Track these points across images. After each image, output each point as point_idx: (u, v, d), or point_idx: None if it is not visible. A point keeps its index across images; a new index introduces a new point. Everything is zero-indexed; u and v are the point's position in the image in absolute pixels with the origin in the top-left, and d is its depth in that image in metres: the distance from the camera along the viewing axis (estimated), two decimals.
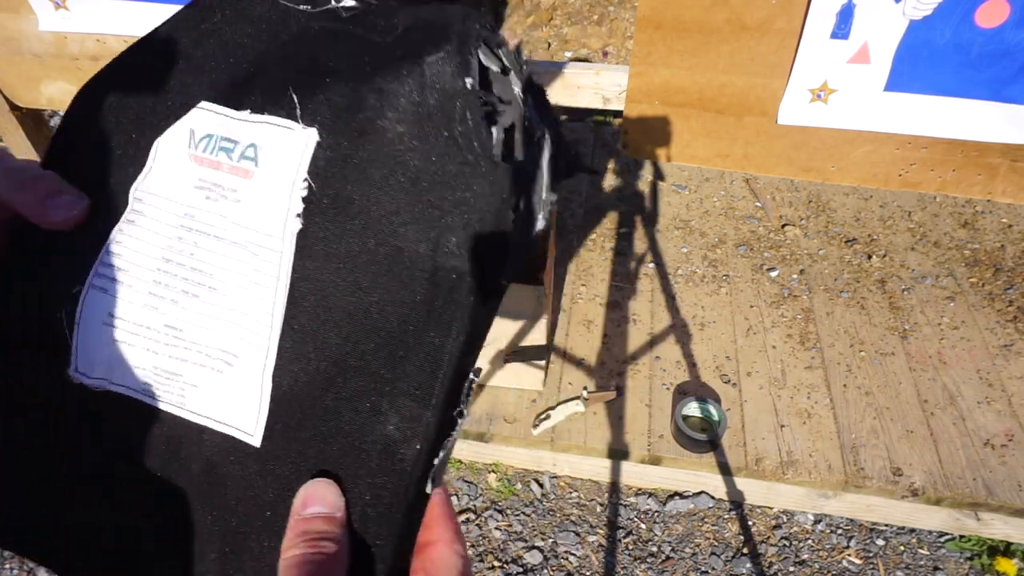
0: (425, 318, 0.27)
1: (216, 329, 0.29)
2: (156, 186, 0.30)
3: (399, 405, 0.27)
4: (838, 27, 1.35)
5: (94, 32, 1.80)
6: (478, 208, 0.27)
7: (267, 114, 0.29)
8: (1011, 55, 1.30)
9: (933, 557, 1.45)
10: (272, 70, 0.30)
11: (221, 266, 0.29)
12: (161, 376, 0.30)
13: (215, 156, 0.29)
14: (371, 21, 0.30)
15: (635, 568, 1.43)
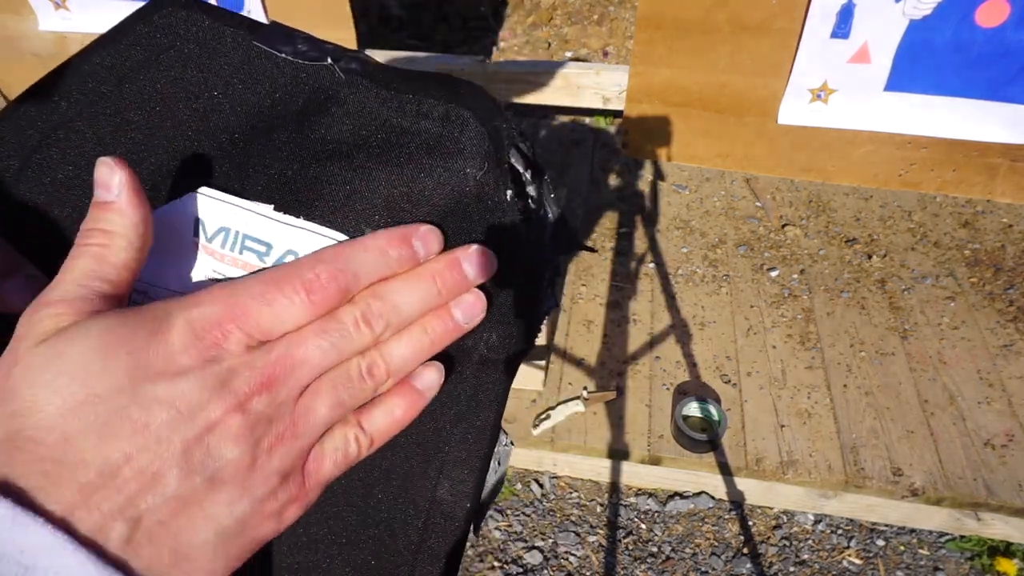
0: (472, 405, 0.31)
1: None
2: (160, 277, 0.28)
3: (449, 473, 0.31)
4: (838, 27, 1.35)
5: (94, 32, 1.80)
6: (515, 303, 0.30)
7: (304, 219, 0.28)
8: (1011, 55, 1.30)
9: (933, 557, 1.45)
10: (279, 144, 0.28)
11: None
12: None
13: (239, 255, 0.28)
14: (378, 93, 0.28)
15: (635, 568, 1.43)
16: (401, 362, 0.27)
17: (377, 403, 0.28)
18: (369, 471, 0.31)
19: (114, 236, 0.25)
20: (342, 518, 0.31)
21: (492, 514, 1.51)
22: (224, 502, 0.24)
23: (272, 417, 0.25)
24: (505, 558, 1.44)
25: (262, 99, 0.28)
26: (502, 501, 1.53)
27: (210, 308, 0.24)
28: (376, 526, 0.31)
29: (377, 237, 0.27)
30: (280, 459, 0.25)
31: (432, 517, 0.31)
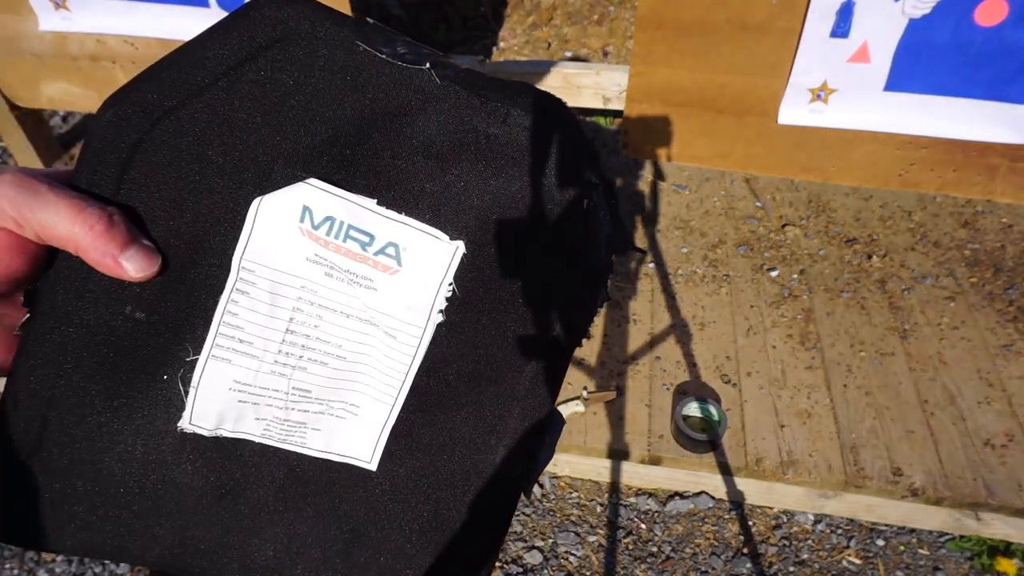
0: (535, 384, 0.36)
1: (344, 389, 0.34)
2: (265, 257, 0.31)
3: (505, 441, 0.35)
4: (838, 26, 1.35)
5: (94, 32, 1.80)
6: (582, 302, 0.35)
7: (405, 215, 0.31)
8: (1010, 54, 1.30)
9: (933, 557, 1.45)
10: (381, 148, 0.30)
11: (352, 340, 0.33)
12: (284, 424, 0.34)
13: (343, 242, 0.31)
14: (467, 97, 0.30)
15: (635, 568, 1.43)
16: None
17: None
18: (436, 436, 0.35)
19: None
20: (410, 478, 0.35)
21: None
22: None
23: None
24: (505, 558, 1.44)
25: (362, 98, 0.29)
26: None
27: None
28: (439, 488, 0.35)
29: None
30: None
31: (489, 482, 0.35)
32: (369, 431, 0.35)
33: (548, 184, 0.30)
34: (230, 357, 0.32)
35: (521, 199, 0.31)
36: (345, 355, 0.33)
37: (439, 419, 0.35)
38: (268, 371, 0.33)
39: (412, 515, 0.35)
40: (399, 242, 0.31)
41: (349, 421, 0.35)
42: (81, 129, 2.44)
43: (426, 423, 0.35)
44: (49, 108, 2.08)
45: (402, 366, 0.34)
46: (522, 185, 0.31)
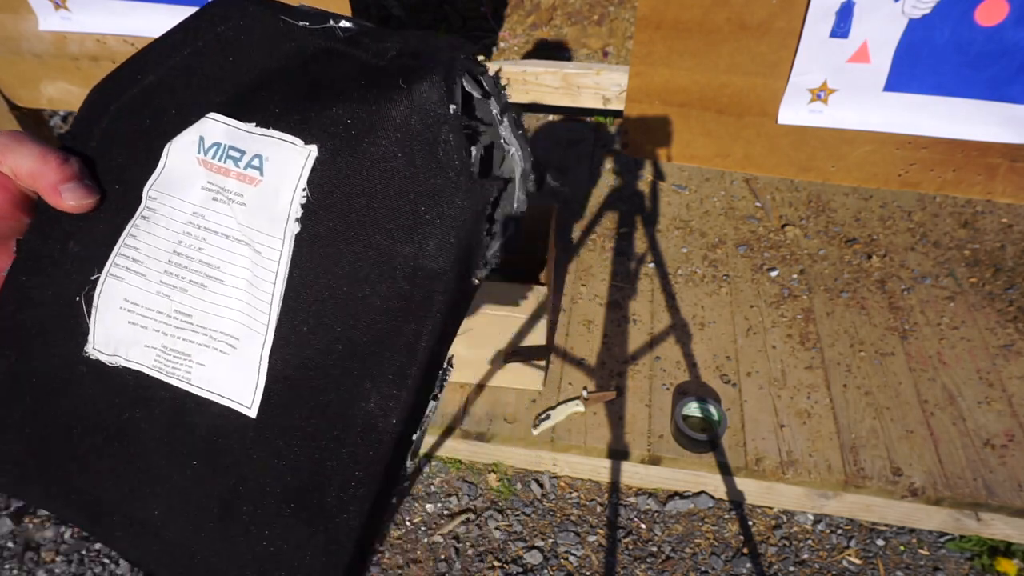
0: (405, 311, 0.32)
1: (222, 316, 0.34)
2: (168, 186, 0.34)
3: (380, 386, 0.32)
4: (837, 25, 1.35)
5: (94, 32, 1.80)
6: (456, 218, 0.31)
7: (272, 128, 0.33)
8: (1010, 54, 1.30)
9: (933, 557, 1.45)
10: (276, 86, 0.34)
11: (227, 260, 0.34)
12: (171, 355, 0.34)
13: (223, 163, 0.33)
14: (365, 43, 0.33)
15: (635, 568, 1.43)
16: None
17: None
18: (312, 378, 0.33)
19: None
20: (286, 430, 0.33)
21: (492, 513, 1.51)
22: None
23: None
24: (505, 558, 1.44)
25: (280, 56, 0.34)
26: (502, 501, 1.53)
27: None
28: (316, 444, 0.33)
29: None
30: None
31: (362, 432, 0.32)
32: (248, 368, 0.33)
33: (413, 92, 0.31)
34: (123, 275, 0.34)
35: (388, 111, 0.32)
36: (222, 277, 0.34)
37: (311, 356, 0.33)
38: (155, 291, 0.34)
39: (289, 476, 0.33)
40: (262, 152, 0.33)
41: (231, 356, 0.34)
42: None
43: (300, 362, 0.33)
44: (49, 108, 2.08)
45: (267, 284, 0.33)
46: (388, 99, 0.32)
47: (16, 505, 1.54)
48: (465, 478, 1.57)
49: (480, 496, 1.54)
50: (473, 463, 1.59)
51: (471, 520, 1.50)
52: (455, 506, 1.53)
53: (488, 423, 1.54)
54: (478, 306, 1.41)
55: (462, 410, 1.57)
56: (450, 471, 1.58)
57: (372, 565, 1.45)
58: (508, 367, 1.53)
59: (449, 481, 1.57)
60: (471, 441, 1.54)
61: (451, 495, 1.55)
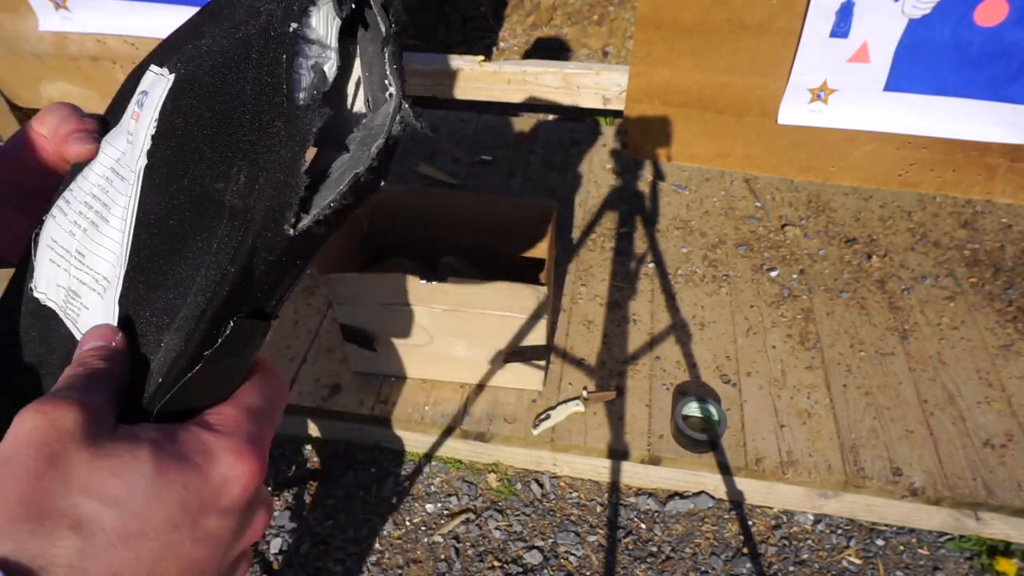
0: (208, 249, 0.29)
1: (102, 256, 0.33)
2: (111, 136, 0.35)
3: (155, 329, 0.30)
4: (837, 25, 1.35)
5: (94, 32, 1.80)
6: (270, 149, 0.28)
7: (163, 66, 0.33)
8: (1010, 54, 1.30)
9: (933, 557, 1.45)
10: (195, 30, 0.33)
11: (114, 201, 0.33)
12: (70, 296, 0.34)
13: (137, 108, 0.33)
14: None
15: (635, 568, 1.43)
16: None
17: None
18: (155, 317, 0.31)
19: (115, 369, 0.29)
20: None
21: (492, 513, 1.51)
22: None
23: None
24: (505, 558, 1.44)
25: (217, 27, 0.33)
26: (502, 501, 1.53)
27: (251, 432, 0.28)
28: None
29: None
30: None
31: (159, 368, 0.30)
32: (110, 315, 0.32)
33: (266, 20, 0.29)
34: (55, 214, 0.35)
35: (234, 32, 0.30)
36: (109, 218, 0.33)
37: (155, 296, 0.31)
38: (67, 229, 0.34)
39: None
40: (147, 88, 0.33)
41: (103, 299, 0.33)
42: None
43: (145, 299, 0.31)
44: None
45: (124, 223, 0.32)
46: (237, 16, 0.30)
47: None
48: (465, 478, 1.57)
49: (480, 496, 1.54)
50: (473, 463, 1.59)
51: (471, 520, 1.51)
52: (455, 506, 1.53)
53: (488, 423, 1.54)
54: (478, 306, 1.41)
55: (462, 410, 1.57)
56: (450, 471, 1.58)
57: (372, 565, 1.45)
58: (508, 367, 1.53)
59: (449, 481, 1.57)
60: (471, 441, 1.54)
61: (451, 495, 1.55)
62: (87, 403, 0.25)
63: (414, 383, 1.62)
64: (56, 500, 0.22)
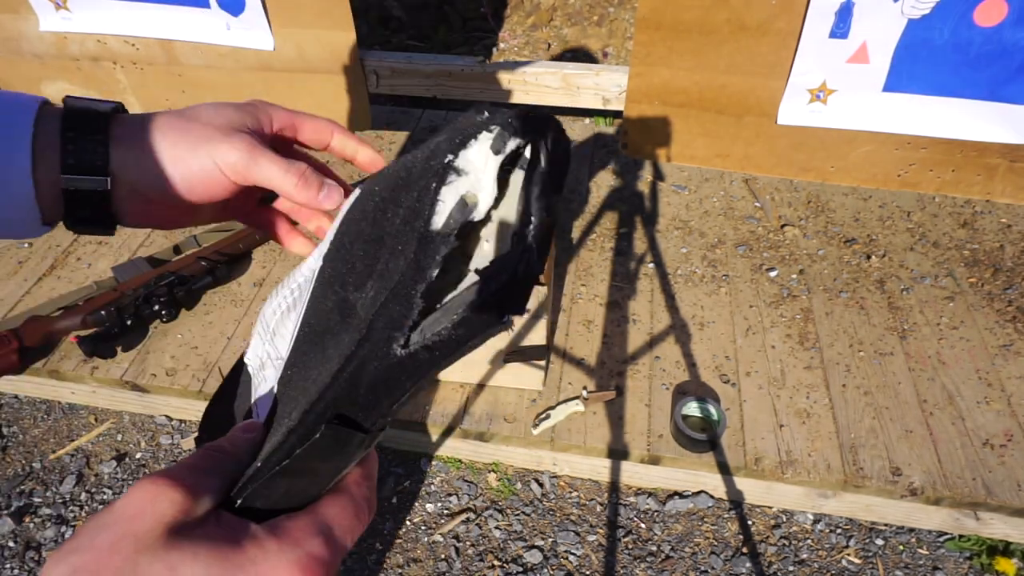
0: (335, 354, 0.30)
1: (284, 338, 0.37)
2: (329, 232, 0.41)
3: (299, 405, 0.31)
4: (837, 26, 1.36)
5: (94, 32, 1.80)
6: (398, 268, 0.29)
7: (361, 180, 0.38)
8: (1009, 54, 1.30)
9: (932, 557, 1.45)
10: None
11: (304, 293, 0.36)
12: (261, 366, 0.38)
13: (338, 214, 0.39)
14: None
15: (635, 567, 1.43)
16: None
17: None
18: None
19: (241, 456, 0.31)
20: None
21: (492, 513, 1.51)
22: None
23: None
24: (505, 557, 1.44)
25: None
26: (502, 500, 1.53)
27: (316, 552, 0.28)
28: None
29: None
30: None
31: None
32: (273, 387, 0.35)
33: (435, 144, 0.31)
34: (273, 294, 0.40)
35: (408, 167, 0.32)
36: (297, 306, 0.36)
37: (293, 386, 0.33)
38: (272, 308, 0.38)
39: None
40: (352, 198, 0.38)
41: (276, 373, 0.35)
42: None
43: (290, 386, 0.34)
44: None
45: (301, 310, 0.35)
46: (418, 154, 0.33)
47: (16, 505, 1.55)
48: (465, 478, 1.58)
49: (480, 496, 1.54)
50: (473, 463, 1.59)
51: (471, 520, 1.51)
52: (455, 506, 1.53)
53: (488, 423, 1.55)
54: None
55: (462, 410, 1.57)
56: (450, 471, 1.59)
57: (372, 564, 1.45)
58: (508, 367, 1.53)
59: (449, 481, 1.57)
60: (471, 441, 1.54)
61: (451, 495, 1.55)
62: (193, 487, 0.27)
63: None
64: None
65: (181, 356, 1.65)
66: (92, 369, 1.62)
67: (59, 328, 1.60)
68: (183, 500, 0.26)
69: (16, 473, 1.61)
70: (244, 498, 0.29)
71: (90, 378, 1.62)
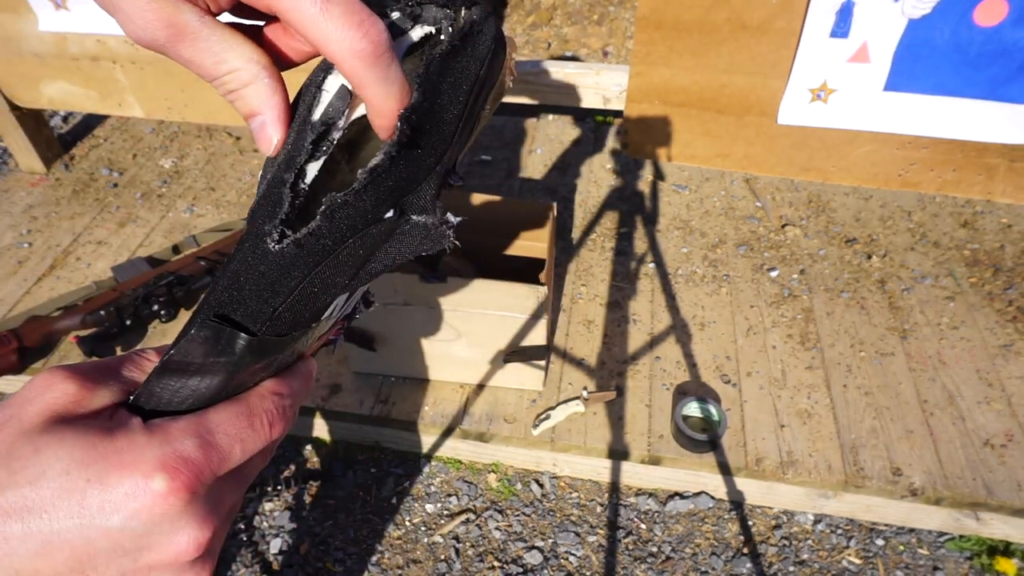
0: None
1: None
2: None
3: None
4: (837, 26, 1.35)
5: (94, 32, 1.80)
6: (279, 159, 0.30)
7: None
8: (1009, 54, 1.30)
9: (933, 557, 1.45)
10: None
11: None
12: None
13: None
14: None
15: (635, 568, 1.43)
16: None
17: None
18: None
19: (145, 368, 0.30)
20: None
21: (492, 514, 1.51)
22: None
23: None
24: (505, 558, 1.44)
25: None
26: (502, 501, 1.53)
27: (186, 451, 0.27)
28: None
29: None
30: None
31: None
32: None
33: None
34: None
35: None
36: None
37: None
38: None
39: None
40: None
41: None
42: (81, 129, 2.44)
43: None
44: (49, 108, 2.08)
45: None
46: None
47: None
48: (465, 478, 1.57)
49: (480, 496, 1.54)
50: (473, 463, 1.59)
51: (471, 520, 1.51)
52: (455, 506, 1.53)
53: (488, 423, 1.54)
54: (479, 306, 1.41)
55: (462, 410, 1.57)
56: (450, 471, 1.58)
57: (372, 565, 1.45)
58: (508, 367, 1.53)
59: (449, 481, 1.57)
60: (471, 441, 1.54)
61: (451, 495, 1.55)
62: (91, 381, 0.28)
63: (414, 383, 1.62)
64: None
65: None
66: None
67: (58, 328, 1.60)
68: (75, 391, 0.27)
69: None
70: (135, 396, 0.29)
71: None
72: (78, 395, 0.27)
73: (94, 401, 0.28)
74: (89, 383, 0.28)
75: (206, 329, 0.27)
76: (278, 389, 0.31)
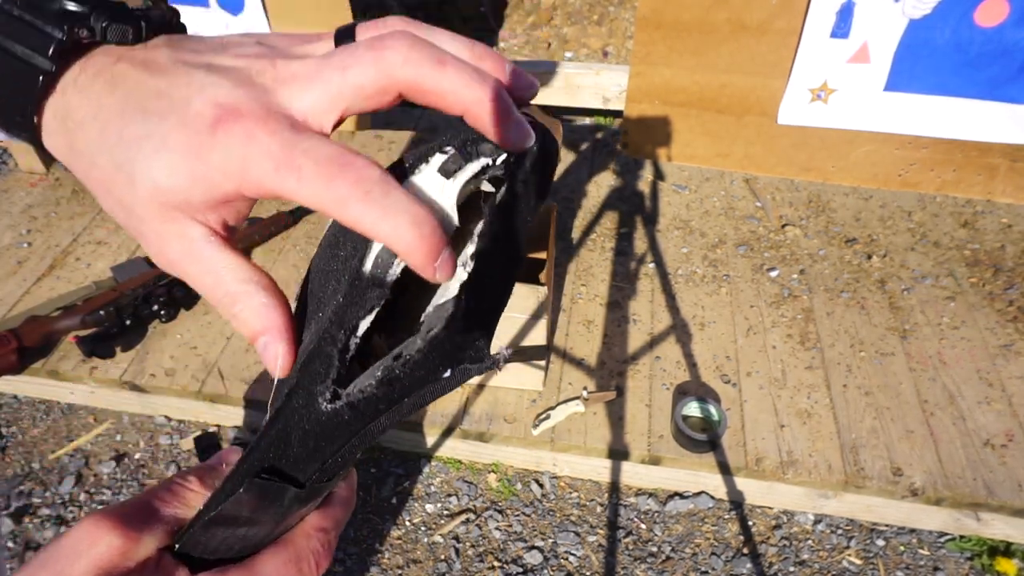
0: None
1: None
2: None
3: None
4: (838, 26, 1.35)
5: None
6: (329, 307, 0.28)
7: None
8: (1010, 54, 1.30)
9: (933, 557, 1.45)
10: None
11: None
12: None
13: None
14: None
15: (635, 568, 1.43)
16: None
17: None
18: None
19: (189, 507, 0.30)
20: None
21: (492, 514, 1.51)
22: None
23: None
24: (505, 558, 1.44)
25: None
26: (502, 501, 1.53)
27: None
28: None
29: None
30: None
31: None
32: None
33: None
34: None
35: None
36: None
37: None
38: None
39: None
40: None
41: None
42: None
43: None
44: None
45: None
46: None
47: (16, 505, 1.54)
48: (465, 478, 1.57)
49: (480, 496, 1.54)
50: (473, 463, 1.59)
51: (471, 520, 1.50)
52: (455, 506, 1.53)
53: (488, 423, 1.54)
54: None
55: (462, 410, 1.57)
56: (450, 471, 1.58)
57: (372, 565, 1.45)
58: (508, 367, 1.53)
59: (449, 481, 1.57)
60: (471, 441, 1.54)
61: (451, 495, 1.55)
62: (135, 530, 0.28)
63: None
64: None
65: (180, 356, 1.65)
66: (91, 369, 1.62)
67: (58, 328, 1.60)
68: (121, 544, 0.27)
69: (15, 473, 1.60)
70: (181, 544, 0.28)
71: (89, 378, 1.62)
72: (124, 547, 0.27)
73: (139, 551, 0.27)
74: (133, 532, 0.27)
75: (255, 488, 0.27)
76: (323, 524, 0.32)
